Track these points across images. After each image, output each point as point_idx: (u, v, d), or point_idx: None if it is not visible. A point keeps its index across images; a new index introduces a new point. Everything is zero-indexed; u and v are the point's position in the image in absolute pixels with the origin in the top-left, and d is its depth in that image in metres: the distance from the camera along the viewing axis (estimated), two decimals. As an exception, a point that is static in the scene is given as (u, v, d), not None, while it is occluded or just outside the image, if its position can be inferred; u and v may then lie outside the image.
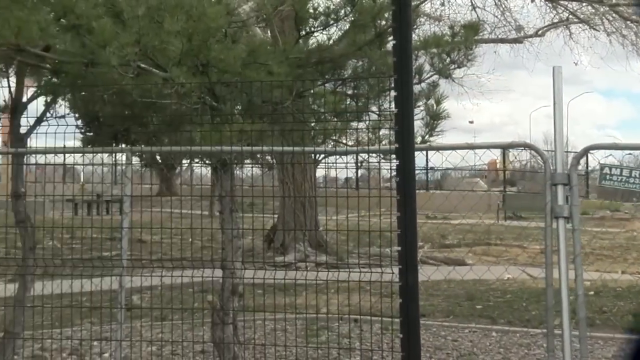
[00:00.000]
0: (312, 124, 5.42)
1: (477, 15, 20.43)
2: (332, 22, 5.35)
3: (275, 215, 17.16)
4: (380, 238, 5.12)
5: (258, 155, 5.98)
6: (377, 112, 5.61)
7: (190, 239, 6.88)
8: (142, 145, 6.73)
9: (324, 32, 5.47)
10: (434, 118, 5.49)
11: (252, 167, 6.21)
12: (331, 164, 5.45)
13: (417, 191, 4.05)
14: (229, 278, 5.24)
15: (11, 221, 7.02)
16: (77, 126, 8.03)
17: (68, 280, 5.92)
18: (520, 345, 8.17)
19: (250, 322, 7.88)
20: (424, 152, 8.97)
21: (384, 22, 5.48)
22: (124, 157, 6.05)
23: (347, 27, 5.64)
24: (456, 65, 5.75)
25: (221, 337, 5.21)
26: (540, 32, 21.08)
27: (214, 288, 5.49)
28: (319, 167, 12.07)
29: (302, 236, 15.44)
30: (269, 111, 5.13)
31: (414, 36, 5.17)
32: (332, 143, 5.54)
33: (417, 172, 4.20)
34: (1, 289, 6.50)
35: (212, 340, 5.34)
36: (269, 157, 6.42)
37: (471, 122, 56.24)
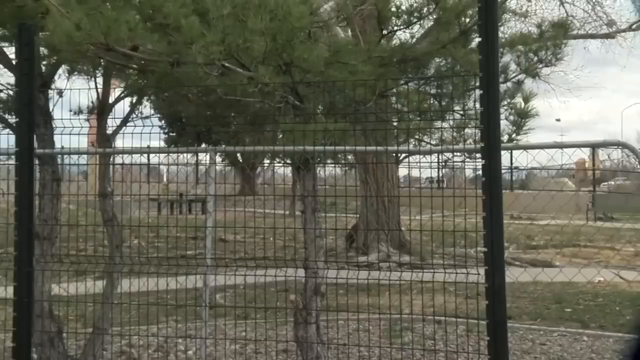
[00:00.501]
0: (395, 123, 5.43)
1: (566, 11, 19.98)
2: (415, 20, 5.34)
3: (357, 215, 17.20)
4: (465, 238, 5.08)
5: (339, 155, 6.03)
6: (462, 112, 5.57)
7: (271, 238, 6.98)
8: (224, 145, 6.87)
9: (407, 31, 5.46)
10: (522, 116, 5.41)
11: (334, 166, 6.26)
12: (414, 163, 5.45)
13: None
14: (312, 277, 5.30)
15: (98, 220, 7.28)
16: (160, 127, 8.29)
17: (152, 278, 6.10)
18: (614, 351, 7.95)
19: (332, 321, 7.93)
20: (509, 151, 8.82)
21: (468, 20, 5.44)
22: (207, 157, 6.18)
23: (431, 24, 5.62)
24: (544, 64, 5.66)
25: (304, 336, 5.27)
26: (634, 26, 20.41)
27: (296, 287, 5.57)
28: (401, 166, 12.04)
29: (384, 236, 15.42)
30: (352, 110, 5.16)
31: (499, 33, 5.11)
32: (414, 142, 5.54)
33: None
34: (90, 285, 6.75)
35: (295, 340, 5.41)
36: (350, 157, 6.46)
37: (558, 120, 54.89)
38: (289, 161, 6.30)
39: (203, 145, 7.38)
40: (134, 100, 7.03)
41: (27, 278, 5.14)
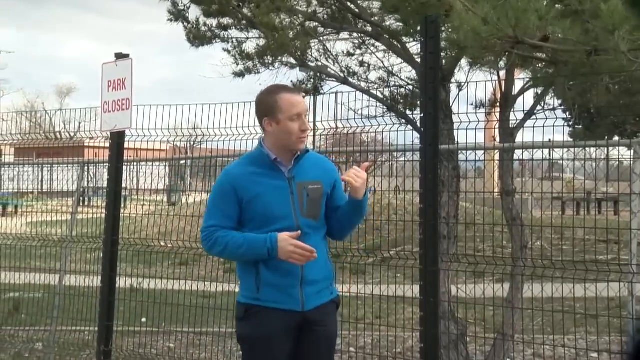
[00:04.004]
0: None
1: None
2: None
3: None
4: None
5: None
6: None
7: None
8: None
9: None
10: None
11: None
12: None
13: None
14: None
15: (494, 219, 7.52)
16: (564, 119, 8.27)
17: (558, 283, 6.11)
18: None
19: None
20: None
21: None
22: (630, 152, 6.00)
23: None
24: None
25: None
26: None
27: None
28: None
29: None
30: None
31: None
32: None
33: None
34: (490, 288, 6.99)
35: None
36: None
37: None
38: None
39: (616, 139, 7.23)
40: (539, 92, 7.13)
41: (433, 277, 5.49)
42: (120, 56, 6.85)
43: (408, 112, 8.52)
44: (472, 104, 7.61)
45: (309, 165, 4.21)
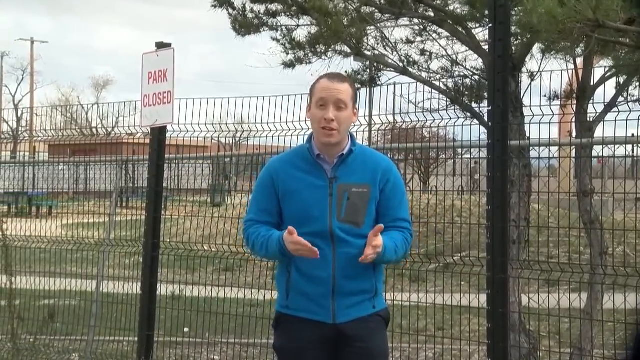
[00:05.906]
0: None
1: None
2: None
3: None
4: None
5: None
6: None
7: None
8: None
9: None
10: None
11: None
12: None
13: None
14: None
15: (568, 222, 7.40)
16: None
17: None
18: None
19: None
20: None
21: None
22: None
23: None
24: None
25: None
26: None
27: None
28: None
29: None
30: None
31: None
32: None
33: None
34: (564, 297, 6.90)
35: None
36: None
37: None
38: None
39: None
40: (621, 82, 7.00)
41: (502, 286, 5.44)
42: (161, 46, 6.86)
43: (474, 104, 8.44)
44: (545, 96, 7.50)
45: (358, 165, 4.12)
